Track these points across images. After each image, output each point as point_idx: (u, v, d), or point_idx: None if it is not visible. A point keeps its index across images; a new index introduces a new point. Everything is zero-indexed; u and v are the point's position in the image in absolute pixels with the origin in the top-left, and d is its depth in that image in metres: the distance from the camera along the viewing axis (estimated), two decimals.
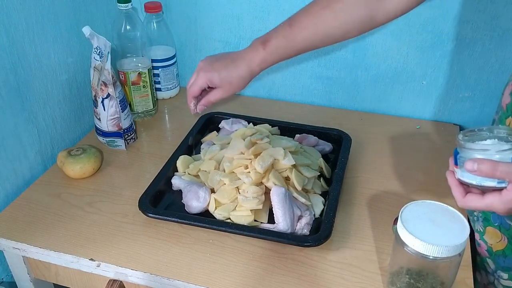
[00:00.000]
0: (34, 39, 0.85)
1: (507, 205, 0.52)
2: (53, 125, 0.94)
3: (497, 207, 0.53)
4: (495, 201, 0.53)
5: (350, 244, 0.74)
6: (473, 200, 0.55)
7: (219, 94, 0.79)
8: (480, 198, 0.54)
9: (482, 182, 0.54)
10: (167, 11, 1.12)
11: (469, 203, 0.55)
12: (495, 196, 0.53)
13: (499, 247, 0.73)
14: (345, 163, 0.87)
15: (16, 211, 0.81)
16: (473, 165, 0.52)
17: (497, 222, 0.72)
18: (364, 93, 1.10)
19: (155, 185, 0.81)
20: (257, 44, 0.75)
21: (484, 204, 0.54)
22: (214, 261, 0.71)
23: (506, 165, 0.51)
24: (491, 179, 0.53)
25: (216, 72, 0.77)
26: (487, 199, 0.53)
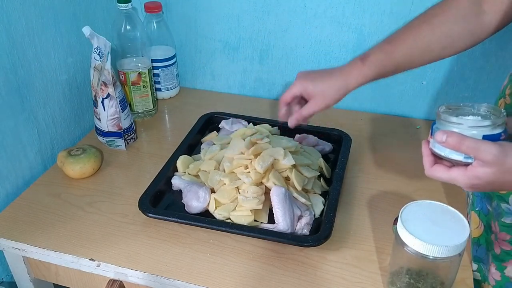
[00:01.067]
0: (34, 39, 0.85)
1: (470, 180, 0.52)
2: (53, 125, 0.94)
3: (460, 181, 0.53)
4: (459, 175, 0.53)
5: (350, 244, 0.74)
6: (440, 170, 0.55)
7: (311, 106, 0.76)
8: (446, 170, 0.55)
9: (450, 155, 0.54)
10: (167, 11, 1.12)
11: (435, 173, 0.56)
12: (460, 170, 0.53)
13: (475, 234, 0.73)
14: (345, 163, 0.87)
15: (16, 211, 0.81)
16: (442, 136, 0.53)
17: (478, 206, 0.72)
18: (364, 93, 1.10)
19: (155, 185, 0.81)
20: (355, 60, 0.74)
21: (448, 176, 0.54)
22: (214, 261, 0.71)
23: (473, 141, 0.51)
24: (459, 153, 0.53)
25: (311, 81, 0.75)
26: (452, 172, 0.54)
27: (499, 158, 0.50)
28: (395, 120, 1.08)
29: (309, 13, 1.03)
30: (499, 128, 0.53)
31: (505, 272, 0.67)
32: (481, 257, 0.71)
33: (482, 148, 0.50)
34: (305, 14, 1.03)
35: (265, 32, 1.08)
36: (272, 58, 1.12)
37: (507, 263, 0.66)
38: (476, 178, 0.52)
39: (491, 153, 0.50)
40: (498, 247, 0.67)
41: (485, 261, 0.70)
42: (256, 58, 1.13)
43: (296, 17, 1.04)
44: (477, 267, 0.72)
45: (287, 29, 1.07)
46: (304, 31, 1.06)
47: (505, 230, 0.66)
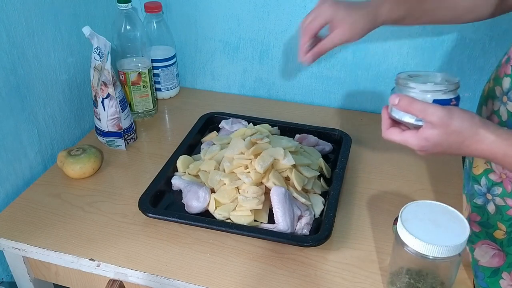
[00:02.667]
0: (34, 39, 0.85)
1: (420, 142, 0.55)
2: (53, 125, 0.94)
3: (411, 143, 0.56)
4: (411, 137, 0.56)
5: (350, 244, 0.74)
6: (394, 133, 0.58)
7: (336, 37, 0.68)
8: (400, 132, 0.58)
9: (403, 117, 0.57)
10: (167, 11, 1.12)
11: (389, 135, 0.59)
12: (412, 132, 0.56)
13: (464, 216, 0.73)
14: (345, 163, 0.87)
15: (16, 211, 0.81)
16: (395, 99, 0.56)
17: (466, 189, 0.73)
18: (364, 93, 1.10)
19: (155, 185, 0.81)
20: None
21: (401, 138, 0.57)
22: (214, 261, 0.71)
23: (422, 104, 0.54)
24: (410, 116, 0.56)
25: (343, 6, 0.68)
26: (405, 134, 0.57)
27: (444, 120, 0.53)
28: None
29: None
30: (451, 94, 0.57)
31: (474, 254, 0.67)
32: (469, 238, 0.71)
33: (429, 110, 0.54)
34: (305, 14, 1.03)
35: (265, 32, 1.08)
36: (272, 58, 1.12)
37: (476, 245, 0.67)
38: (424, 140, 0.55)
39: (437, 115, 0.53)
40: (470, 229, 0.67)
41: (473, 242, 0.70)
42: (256, 58, 1.13)
43: (296, 17, 1.04)
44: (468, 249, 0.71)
45: (287, 29, 1.07)
46: None
47: (475, 211, 0.67)
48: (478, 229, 0.66)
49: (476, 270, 0.67)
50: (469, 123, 0.53)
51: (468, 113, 0.54)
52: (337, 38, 0.69)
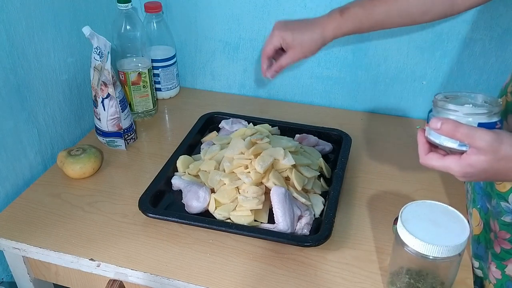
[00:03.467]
0: (34, 39, 0.85)
1: (463, 168, 0.52)
2: (53, 125, 0.94)
3: (454, 169, 0.53)
4: (453, 163, 0.53)
5: (350, 244, 0.74)
6: (434, 158, 0.55)
7: (289, 57, 0.79)
8: (440, 158, 0.54)
9: (444, 142, 0.53)
10: (167, 11, 1.12)
11: (429, 161, 0.55)
12: (454, 158, 0.53)
13: (476, 232, 0.73)
14: (345, 163, 0.87)
15: (16, 211, 0.81)
16: (437, 123, 0.52)
17: (479, 204, 0.72)
18: (364, 93, 1.10)
19: (155, 185, 0.81)
20: (334, 12, 0.76)
21: (443, 164, 0.54)
22: (214, 261, 0.71)
23: (468, 128, 0.50)
24: (453, 140, 0.52)
25: (290, 31, 0.77)
26: (446, 160, 0.53)
27: (494, 145, 0.50)
28: (395, 120, 1.08)
29: (309, 13, 1.03)
30: (495, 117, 0.53)
31: (505, 271, 0.67)
32: (481, 255, 0.71)
33: (476, 135, 0.50)
34: (305, 14, 1.03)
35: (265, 32, 1.08)
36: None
37: (507, 262, 0.66)
38: (469, 166, 0.51)
39: (486, 140, 0.49)
40: (498, 246, 0.67)
41: (484, 259, 0.70)
42: (256, 58, 1.13)
43: (296, 17, 1.03)
44: (478, 265, 0.72)
45: None
46: None
47: (504, 229, 0.66)
48: (509, 246, 0.65)
49: (510, 286, 0.66)
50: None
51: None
52: (290, 57, 0.79)
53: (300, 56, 0.79)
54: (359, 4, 0.75)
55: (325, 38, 0.76)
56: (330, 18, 0.76)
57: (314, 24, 0.77)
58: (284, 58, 0.80)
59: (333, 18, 0.76)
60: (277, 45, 0.79)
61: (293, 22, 0.79)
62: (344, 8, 0.75)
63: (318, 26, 0.76)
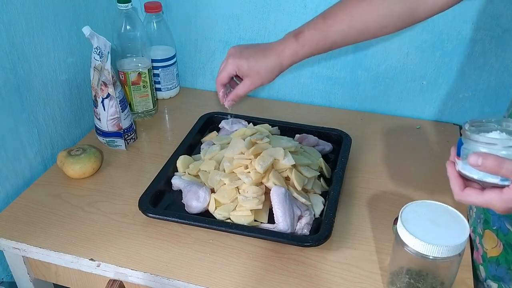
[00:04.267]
0: (34, 39, 0.85)
1: (507, 203, 0.49)
2: (53, 125, 0.94)
3: (496, 205, 0.50)
4: (495, 199, 0.50)
5: (350, 244, 0.74)
6: (472, 195, 0.52)
7: (246, 85, 0.76)
8: (479, 194, 0.51)
9: (484, 178, 0.50)
10: (167, 11, 1.12)
11: (467, 198, 0.52)
12: (495, 193, 0.50)
13: (493, 253, 0.70)
14: (345, 163, 0.87)
15: (16, 211, 0.81)
16: (478, 159, 0.49)
17: (496, 225, 0.69)
18: (364, 93, 1.10)
19: (155, 185, 0.81)
20: (289, 37, 0.73)
21: (483, 200, 0.51)
22: (214, 261, 0.71)
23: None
24: (494, 176, 0.50)
25: (245, 60, 0.74)
26: (486, 195, 0.51)
27: None
28: (395, 120, 1.08)
29: (309, 13, 1.03)
30: None
31: None
32: (501, 276, 0.68)
33: None
34: (305, 14, 1.03)
35: (265, 32, 1.08)
36: None
37: None
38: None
39: None
40: None
41: (506, 280, 0.68)
42: None
43: (296, 17, 1.04)
44: (497, 286, 0.69)
45: (287, 29, 1.05)
46: None
47: None
48: None
49: None
50: None
51: None
52: (247, 85, 0.76)
53: (257, 84, 0.75)
54: (313, 26, 0.71)
55: (282, 65, 0.74)
56: (285, 44, 0.73)
57: (270, 51, 0.73)
58: (241, 87, 0.77)
59: (288, 44, 0.72)
60: (232, 73, 0.76)
61: (249, 48, 0.75)
62: (298, 32, 0.72)
63: (274, 53, 0.73)
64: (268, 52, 0.73)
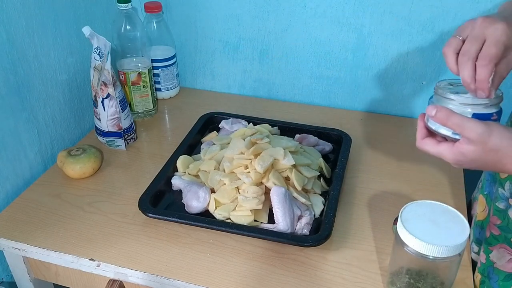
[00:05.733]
0: (34, 39, 0.85)
1: (455, 156, 0.53)
2: (53, 125, 0.94)
3: (446, 156, 0.54)
4: (446, 150, 0.54)
5: (350, 244, 0.74)
6: (429, 144, 0.57)
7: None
8: (435, 144, 0.56)
9: (439, 129, 0.55)
10: (167, 11, 1.12)
11: (424, 145, 0.57)
12: (448, 145, 0.54)
13: (480, 217, 0.73)
14: (345, 163, 0.87)
15: (16, 211, 0.81)
16: (432, 110, 0.53)
17: (487, 190, 0.72)
18: (364, 93, 1.10)
19: (155, 185, 0.81)
20: None
21: (436, 150, 0.55)
22: (214, 261, 0.71)
23: (460, 118, 0.52)
24: (447, 128, 0.54)
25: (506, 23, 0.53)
26: (440, 147, 0.55)
27: (483, 137, 0.51)
28: (395, 120, 1.08)
29: (309, 13, 1.03)
30: (493, 108, 0.54)
31: (490, 256, 0.67)
32: (481, 239, 0.71)
33: (467, 125, 0.51)
34: (305, 14, 1.03)
35: (265, 32, 1.08)
36: (272, 58, 1.12)
37: (493, 247, 0.66)
38: (461, 155, 0.53)
39: (475, 131, 0.51)
40: (489, 230, 0.67)
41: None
42: (256, 58, 1.13)
43: (296, 17, 1.04)
44: (478, 249, 0.72)
45: (287, 29, 1.07)
46: (304, 31, 1.06)
47: (496, 214, 0.66)
48: (497, 233, 0.66)
49: (490, 272, 0.66)
50: (508, 141, 0.50)
51: (509, 130, 0.51)
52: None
53: None
54: None
55: None
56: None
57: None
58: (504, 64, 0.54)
59: None
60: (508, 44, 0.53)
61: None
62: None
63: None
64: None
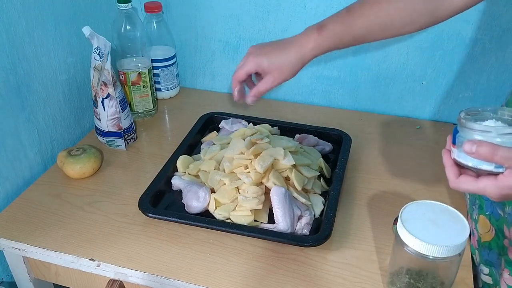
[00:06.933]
0: (34, 39, 0.85)
1: (501, 190, 0.50)
2: (53, 125, 0.94)
3: (490, 192, 0.51)
4: (489, 185, 0.50)
5: (350, 244, 0.74)
6: (467, 182, 0.52)
7: (269, 82, 0.74)
8: (474, 181, 0.52)
9: (479, 165, 0.51)
10: (167, 11, 1.12)
11: (462, 185, 0.53)
12: (490, 180, 0.50)
13: (486, 238, 0.71)
14: (345, 163, 0.87)
15: (16, 211, 0.81)
16: (472, 147, 0.50)
17: (489, 211, 0.71)
18: (364, 93, 1.10)
19: (155, 185, 0.81)
20: (311, 29, 0.72)
21: (477, 188, 0.51)
22: (214, 261, 0.71)
23: (507, 150, 0.48)
24: (489, 163, 0.50)
25: (265, 57, 0.73)
26: (481, 183, 0.51)
27: None
28: (395, 120, 1.08)
29: (309, 13, 1.03)
30: None
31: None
32: (492, 261, 0.69)
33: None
34: (305, 14, 1.03)
35: (265, 32, 1.08)
36: None
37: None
38: (508, 188, 0.49)
39: None
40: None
41: (496, 265, 0.69)
42: None
43: (296, 17, 1.04)
44: (488, 271, 0.70)
45: (287, 29, 1.07)
46: None
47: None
48: None
49: None
50: None
51: None
52: (269, 82, 0.74)
53: (280, 81, 0.73)
54: (337, 19, 0.70)
55: (304, 58, 0.72)
56: (307, 37, 0.71)
57: (291, 45, 0.72)
58: (262, 84, 0.74)
59: (310, 36, 0.71)
60: (251, 71, 0.75)
61: (269, 45, 0.74)
62: (322, 25, 0.70)
63: (295, 46, 0.72)
64: (289, 46, 0.72)
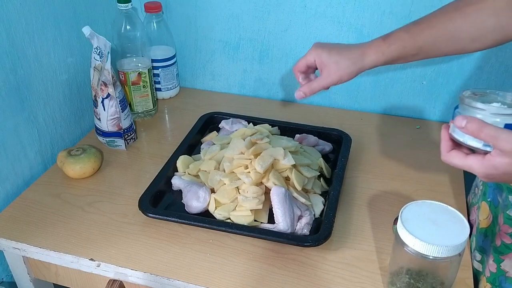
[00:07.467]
0: (34, 39, 0.85)
1: (486, 169, 0.51)
2: (53, 125, 0.94)
3: (476, 170, 0.51)
4: (476, 163, 0.51)
5: (350, 244, 0.74)
6: (456, 157, 0.54)
7: (323, 79, 0.73)
8: (464, 157, 0.53)
9: (468, 141, 0.52)
10: (167, 11, 1.12)
11: (451, 159, 0.54)
12: (477, 158, 0.51)
13: (483, 225, 0.72)
14: (345, 163, 0.87)
15: (16, 211, 0.81)
16: (462, 121, 0.51)
17: (490, 197, 0.72)
18: (364, 93, 1.10)
19: (155, 185, 0.81)
20: (377, 39, 0.71)
21: (464, 163, 0.53)
22: (214, 261, 0.71)
23: (494, 129, 0.49)
24: (478, 140, 0.51)
25: (326, 50, 0.72)
26: (469, 160, 0.52)
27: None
28: (395, 120, 1.08)
29: (309, 13, 1.03)
30: None
31: (501, 265, 0.66)
32: (485, 248, 0.70)
33: (502, 136, 0.48)
34: (305, 14, 1.03)
35: (265, 32, 1.08)
36: (272, 58, 1.12)
37: (505, 256, 0.66)
38: (493, 168, 0.50)
39: (511, 143, 0.48)
40: (499, 239, 0.66)
41: (487, 252, 0.70)
42: (256, 58, 1.13)
43: (296, 17, 1.04)
44: (481, 258, 0.71)
45: (287, 29, 1.07)
46: (304, 31, 1.06)
47: (508, 223, 0.65)
48: (509, 241, 0.65)
49: (502, 281, 0.66)
50: None
51: None
52: (323, 78, 0.73)
53: (334, 78, 0.71)
54: (403, 28, 0.69)
55: (364, 62, 0.70)
56: (372, 43, 0.71)
57: (354, 47, 0.71)
58: (317, 81, 0.74)
59: (375, 42, 0.70)
60: (310, 61, 0.73)
61: (333, 44, 0.74)
62: (388, 34, 0.70)
63: (358, 49, 0.71)
64: (353, 48, 0.71)
